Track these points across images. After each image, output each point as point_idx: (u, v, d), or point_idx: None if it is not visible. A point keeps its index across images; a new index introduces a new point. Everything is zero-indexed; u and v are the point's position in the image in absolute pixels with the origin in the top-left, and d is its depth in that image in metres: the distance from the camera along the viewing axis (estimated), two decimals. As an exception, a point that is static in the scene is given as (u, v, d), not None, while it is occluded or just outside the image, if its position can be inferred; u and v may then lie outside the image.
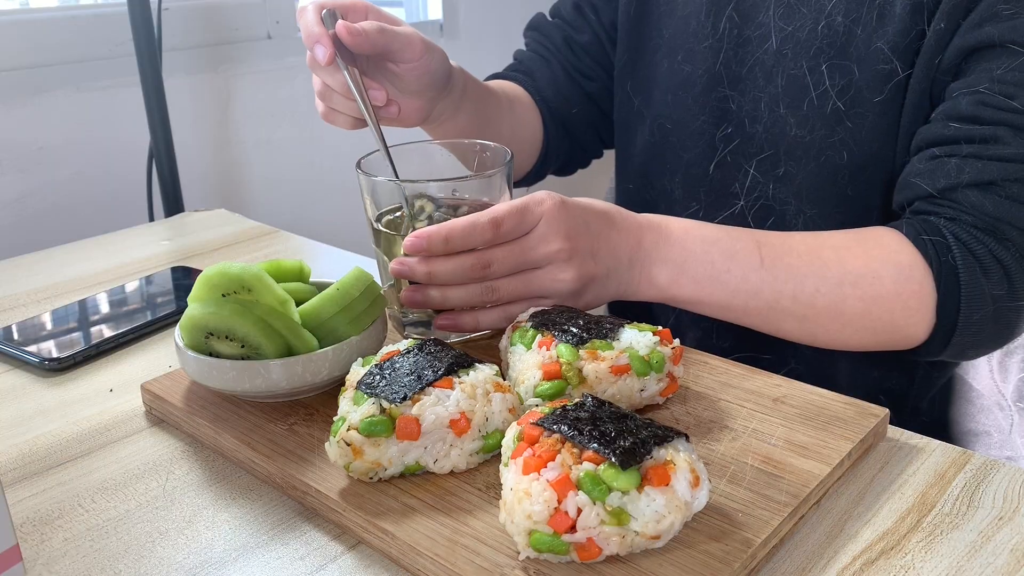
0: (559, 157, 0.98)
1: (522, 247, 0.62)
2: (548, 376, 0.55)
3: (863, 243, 0.67)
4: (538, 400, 0.55)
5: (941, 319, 0.65)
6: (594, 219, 0.65)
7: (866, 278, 0.65)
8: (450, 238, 0.60)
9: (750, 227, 0.81)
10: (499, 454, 0.53)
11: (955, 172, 0.66)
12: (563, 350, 0.56)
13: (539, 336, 0.58)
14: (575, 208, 0.64)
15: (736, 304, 0.66)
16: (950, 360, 0.77)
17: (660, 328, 0.59)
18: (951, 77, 0.69)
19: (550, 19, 0.98)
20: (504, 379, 0.56)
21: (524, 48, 1.00)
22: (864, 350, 0.69)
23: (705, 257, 0.66)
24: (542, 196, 0.63)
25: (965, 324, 0.65)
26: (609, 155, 1.05)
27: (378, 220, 0.68)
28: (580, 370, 0.55)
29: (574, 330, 0.58)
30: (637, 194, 0.92)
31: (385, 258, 0.67)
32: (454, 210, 0.68)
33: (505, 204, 0.62)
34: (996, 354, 0.87)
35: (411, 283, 0.64)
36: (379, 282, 0.66)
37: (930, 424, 0.83)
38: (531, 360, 0.57)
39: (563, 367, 0.55)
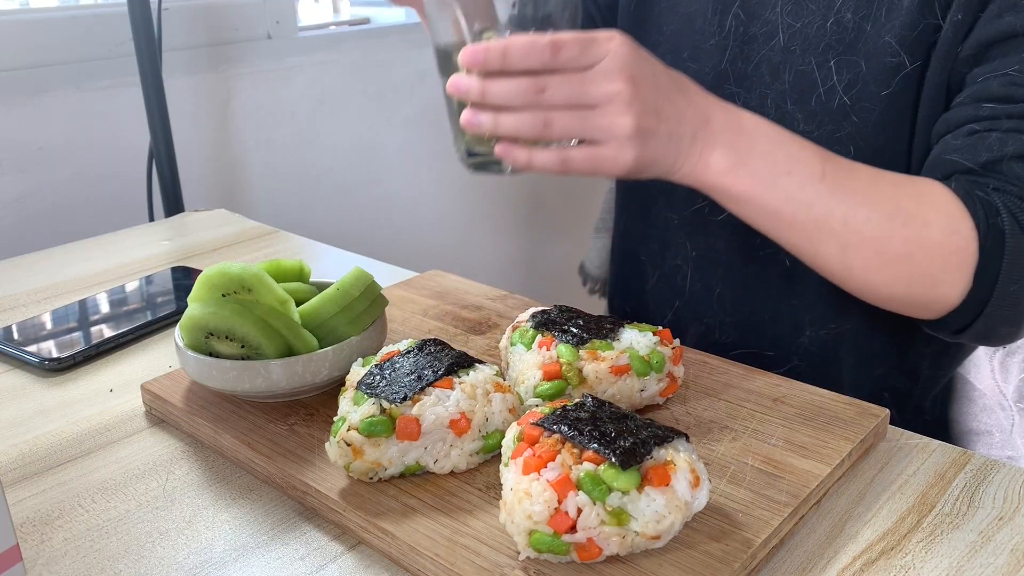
0: None
1: (582, 78, 0.59)
2: (548, 376, 0.55)
3: (917, 187, 0.66)
4: (538, 400, 0.55)
5: (978, 284, 0.64)
6: (664, 76, 0.62)
7: (917, 220, 0.64)
8: (507, 53, 0.58)
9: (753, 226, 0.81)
10: (499, 454, 0.53)
11: (997, 145, 0.65)
12: (563, 350, 0.56)
13: (539, 336, 0.58)
14: (647, 56, 0.61)
15: (785, 212, 0.64)
16: (973, 342, 0.74)
17: (660, 328, 0.59)
18: (969, 67, 0.68)
19: None
20: (504, 379, 0.56)
21: None
22: (892, 306, 0.67)
23: (770, 155, 0.63)
24: (612, 33, 0.59)
25: (1001, 294, 0.63)
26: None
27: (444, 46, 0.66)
28: (580, 370, 0.55)
29: (574, 330, 0.57)
30: (636, 188, 0.92)
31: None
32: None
33: (571, 32, 0.58)
34: (998, 354, 0.87)
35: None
36: (447, 112, 0.65)
37: (932, 423, 0.83)
38: (531, 360, 0.57)
39: (563, 367, 0.55)
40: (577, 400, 0.50)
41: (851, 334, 0.78)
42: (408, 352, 0.55)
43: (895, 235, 0.63)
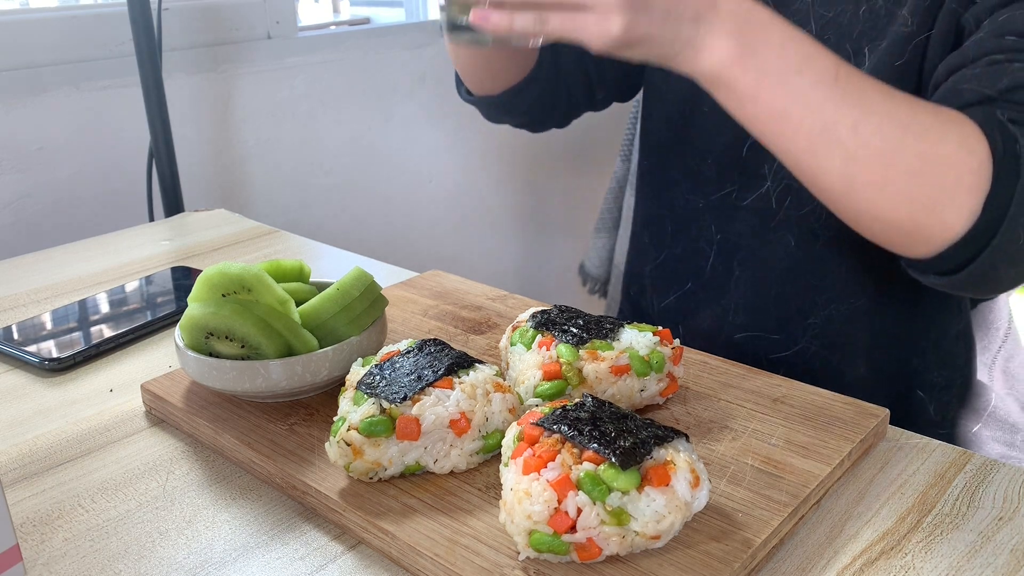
0: (545, 93, 0.93)
1: None
2: (548, 376, 0.55)
3: (935, 106, 0.62)
4: (538, 400, 0.55)
5: (987, 212, 0.59)
6: None
7: (932, 133, 0.59)
8: None
9: (773, 209, 0.79)
10: (499, 454, 0.53)
11: (1020, 73, 0.61)
12: (563, 350, 0.56)
13: (539, 336, 0.58)
14: None
15: (792, 114, 0.60)
16: (964, 289, 0.66)
17: (660, 328, 0.59)
18: (988, 13, 0.66)
19: None
20: (504, 379, 0.56)
21: None
22: (888, 236, 0.63)
23: (781, 49, 0.59)
24: None
25: (1011, 225, 0.59)
26: (611, 154, 1.05)
27: None
28: (580, 370, 0.55)
29: (574, 330, 0.57)
30: (652, 171, 0.91)
31: None
32: None
33: None
34: (998, 363, 0.86)
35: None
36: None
37: (944, 404, 0.81)
38: (531, 360, 0.57)
39: (563, 367, 0.55)
40: (577, 400, 0.50)
41: (864, 311, 0.76)
42: (408, 352, 0.55)
43: (907, 148, 0.59)
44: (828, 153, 0.60)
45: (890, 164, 0.59)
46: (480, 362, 0.56)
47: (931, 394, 0.80)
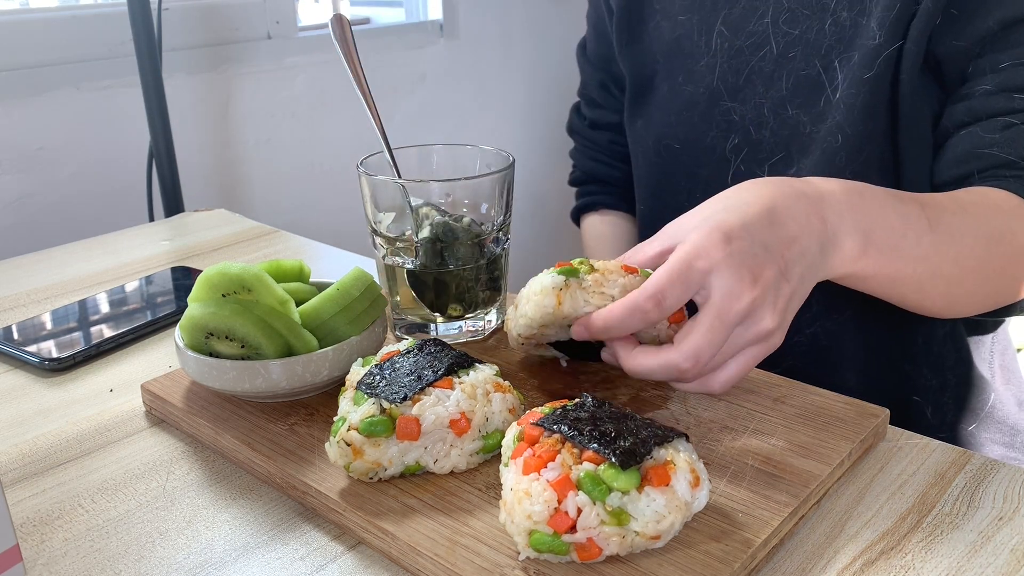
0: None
1: (722, 325, 0.51)
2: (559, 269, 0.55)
3: (987, 200, 0.65)
4: (539, 319, 0.55)
5: None
6: (761, 231, 0.54)
7: (1007, 234, 0.63)
8: (608, 327, 0.53)
9: None
10: (499, 454, 0.53)
11: None
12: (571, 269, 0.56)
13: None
14: (740, 236, 0.53)
15: (905, 272, 0.60)
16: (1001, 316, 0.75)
17: None
18: (983, 49, 0.68)
19: (583, 108, 1.02)
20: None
21: (575, 150, 1.04)
22: (971, 315, 0.68)
23: (884, 222, 0.58)
24: (701, 247, 0.52)
25: None
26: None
27: (377, 224, 0.67)
28: (592, 265, 0.55)
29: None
30: (649, 214, 0.93)
31: (383, 261, 0.67)
32: (458, 220, 0.67)
33: (663, 272, 0.52)
34: (996, 358, 0.87)
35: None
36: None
37: (942, 407, 0.83)
38: (539, 282, 0.56)
39: (574, 262, 0.56)
40: (577, 400, 0.50)
41: (851, 324, 0.77)
42: (408, 352, 0.55)
43: (993, 256, 0.63)
44: (933, 287, 0.63)
45: (983, 275, 0.64)
46: (480, 362, 0.56)
47: (927, 398, 0.81)
